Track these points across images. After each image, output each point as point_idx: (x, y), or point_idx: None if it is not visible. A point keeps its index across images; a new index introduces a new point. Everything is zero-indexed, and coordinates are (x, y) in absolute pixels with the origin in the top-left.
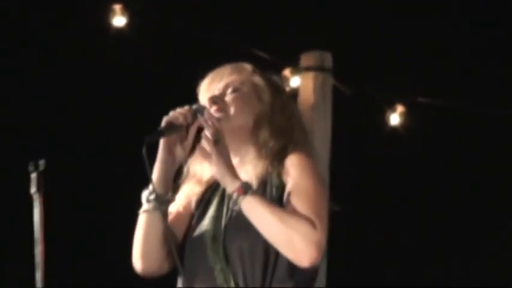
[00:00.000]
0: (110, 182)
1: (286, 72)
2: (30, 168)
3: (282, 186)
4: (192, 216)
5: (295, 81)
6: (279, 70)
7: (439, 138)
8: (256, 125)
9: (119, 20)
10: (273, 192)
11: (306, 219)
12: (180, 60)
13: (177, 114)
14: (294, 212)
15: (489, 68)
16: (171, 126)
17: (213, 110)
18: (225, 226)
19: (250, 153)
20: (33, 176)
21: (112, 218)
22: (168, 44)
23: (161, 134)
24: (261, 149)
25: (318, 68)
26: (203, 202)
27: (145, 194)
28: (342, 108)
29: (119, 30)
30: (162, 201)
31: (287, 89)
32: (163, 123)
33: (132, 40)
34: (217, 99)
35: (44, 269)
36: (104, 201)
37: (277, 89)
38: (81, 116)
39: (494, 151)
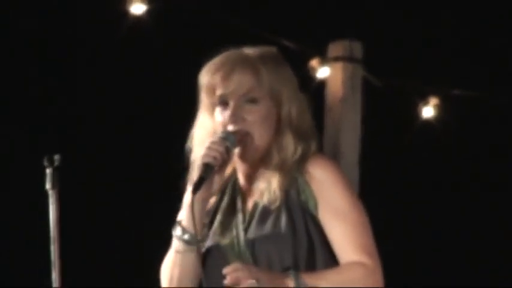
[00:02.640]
0: (128, 181)
1: (314, 62)
2: (45, 163)
3: (313, 197)
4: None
5: (323, 72)
6: (305, 60)
7: (472, 132)
8: (279, 133)
9: (138, 8)
10: (301, 198)
11: (357, 265)
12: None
13: (212, 153)
14: (344, 267)
15: None
16: (210, 169)
17: (231, 128)
18: (248, 234)
19: (274, 163)
20: (48, 171)
21: (130, 217)
22: (190, 32)
23: (203, 181)
24: (284, 157)
25: (347, 59)
26: (211, 211)
27: (177, 233)
28: (373, 101)
29: (137, 18)
30: (197, 241)
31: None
32: (201, 167)
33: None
34: (237, 113)
35: (60, 268)
36: (122, 200)
37: (292, 83)
38: (100, 111)
39: None
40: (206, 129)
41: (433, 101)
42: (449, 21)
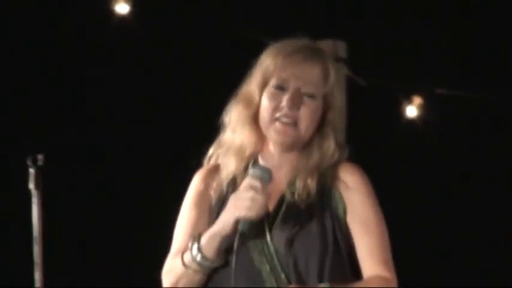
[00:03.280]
0: (114, 180)
1: None
2: (29, 163)
3: (342, 202)
4: (210, 210)
5: None
6: None
7: (456, 131)
8: (322, 134)
9: (122, 7)
10: (331, 202)
11: (380, 278)
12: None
13: (256, 209)
14: (369, 280)
15: (508, 59)
16: (250, 222)
17: (280, 125)
18: (273, 229)
19: (313, 161)
20: (32, 171)
21: (115, 216)
22: (174, 32)
23: (244, 235)
24: (324, 158)
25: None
26: (222, 199)
27: (194, 252)
28: (357, 100)
29: (122, 18)
30: (208, 265)
31: None
32: (242, 221)
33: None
34: (296, 101)
35: (43, 268)
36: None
37: (342, 92)
38: (83, 109)
39: None
40: (248, 108)
41: (417, 100)
42: (433, 21)
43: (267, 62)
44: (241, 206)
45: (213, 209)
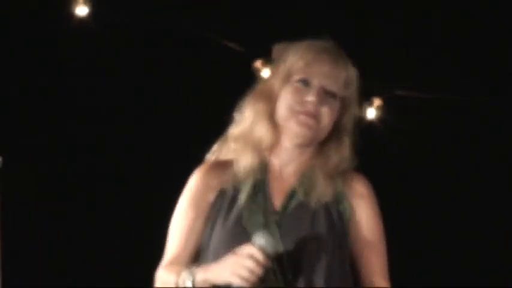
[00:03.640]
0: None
1: (258, 63)
2: None
3: (350, 210)
4: (208, 207)
5: (266, 73)
6: (249, 62)
7: (415, 133)
8: (338, 136)
9: (82, 10)
10: (339, 207)
11: None
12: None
13: (249, 278)
14: None
15: (466, 59)
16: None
17: (303, 117)
18: (281, 227)
19: (331, 163)
20: None
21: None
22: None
23: None
24: (342, 161)
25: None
26: (226, 198)
27: (185, 275)
28: None
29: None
30: None
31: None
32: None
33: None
34: (321, 97)
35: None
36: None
37: (358, 100)
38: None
39: (474, 144)
40: (268, 103)
41: (377, 102)
42: (391, 20)
43: (294, 58)
44: (237, 273)
45: (213, 206)
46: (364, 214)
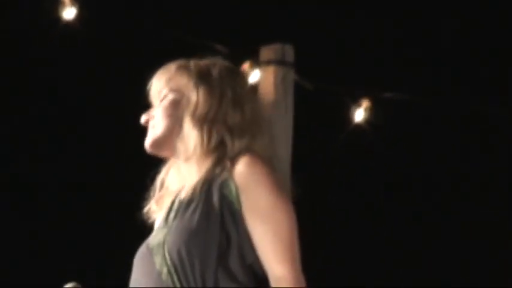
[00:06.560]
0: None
1: (246, 66)
2: None
3: (237, 192)
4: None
5: (254, 75)
6: (238, 64)
7: (405, 135)
8: (191, 127)
9: (69, 12)
10: (223, 193)
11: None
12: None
13: None
14: None
15: (455, 63)
16: None
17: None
18: (168, 231)
19: (181, 155)
20: None
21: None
22: (121, 38)
23: None
24: (189, 148)
25: (279, 62)
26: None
27: None
28: (304, 104)
29: (69, 24)
30: None
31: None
32: None
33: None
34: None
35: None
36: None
37: (220, 80)
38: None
39: (462, 147)
40: None
41: (365, 103)
42: (381, 24)
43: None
44: None
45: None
46: (252, 194)
